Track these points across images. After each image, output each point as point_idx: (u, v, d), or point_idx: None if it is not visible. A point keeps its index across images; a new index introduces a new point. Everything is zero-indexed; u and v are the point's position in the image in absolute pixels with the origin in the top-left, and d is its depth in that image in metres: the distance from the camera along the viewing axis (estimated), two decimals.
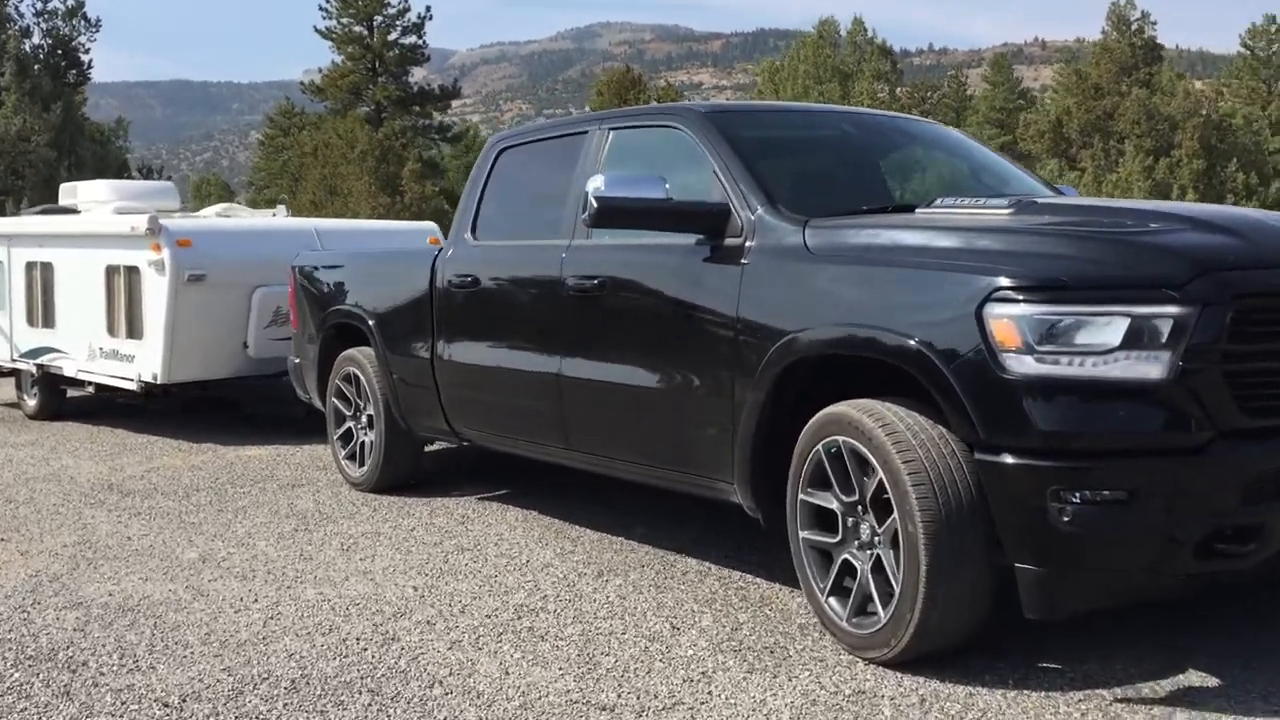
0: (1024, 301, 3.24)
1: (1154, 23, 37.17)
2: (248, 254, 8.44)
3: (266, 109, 79.62)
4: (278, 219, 10.07)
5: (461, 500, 6.22)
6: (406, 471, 6.50)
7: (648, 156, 4.85)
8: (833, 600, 3.78)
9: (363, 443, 6.53)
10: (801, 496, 3.84)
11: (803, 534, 3.86)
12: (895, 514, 3.45)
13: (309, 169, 44.80)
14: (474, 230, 5.66)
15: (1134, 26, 37.08)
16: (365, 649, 3.96)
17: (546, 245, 5.05)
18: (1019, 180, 5.12)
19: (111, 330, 8.63)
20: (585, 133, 5.11)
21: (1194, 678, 3.52)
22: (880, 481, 3.52)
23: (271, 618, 4.33)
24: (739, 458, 4.02)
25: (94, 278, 8.77)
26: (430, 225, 9.70)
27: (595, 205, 4.17)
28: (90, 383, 9.17)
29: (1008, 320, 3.24)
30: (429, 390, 5.86)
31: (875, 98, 32.68)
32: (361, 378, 6.42)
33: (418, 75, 56.49)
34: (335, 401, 6.74)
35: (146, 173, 49.59)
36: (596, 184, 4.19)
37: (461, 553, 5.15)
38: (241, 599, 4.56)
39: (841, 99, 32.98)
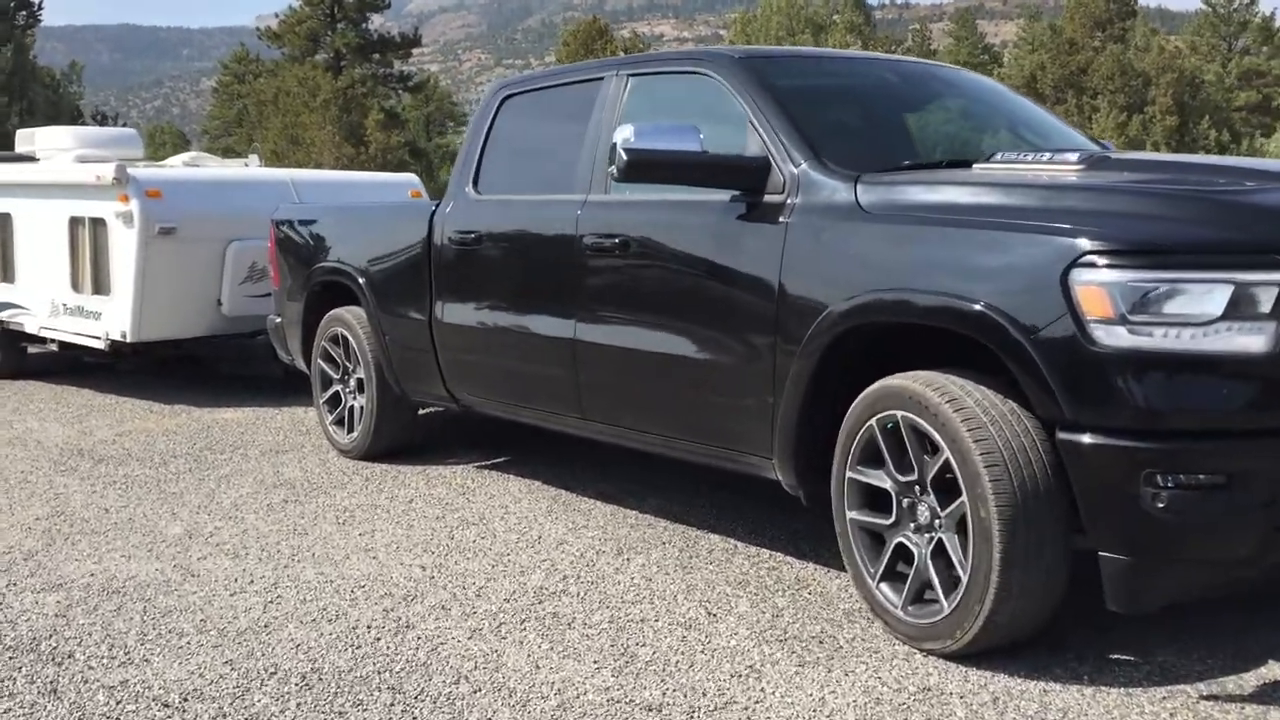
0: (1116, 267, 2.95)
1: None
2: (221, 206, 8.01)
3: (219, 55, 77.81)
4: (251, 169, 9.61)
5: (459, 469, 5.90)
6: (400, 438, 6.17)
7: (671, 106, 4.52)
8: (885, 586, 3.51)
9: (352, 408, 6.19)
10: (850, 475, 3.56)
11: (851, 515, 3.59)
12: (964, 496, 3.18)
13: (269, 117, 43.77)
14: (475, 183, 5.30)
15: None
16: (378, 639, 3.66)
17: (559, 200, 4.71)
18: (1063, 134, 4.83)
19: (76, 286, 8.18)
20: (601, 79, 4.76)
21: (1277, 671, 3.29)
22: (946, 461, 3.24)
23: (271, 602, 4.01)
24: (780, 432, 3.73)
25: (56, 230, 8.29)
26: (411, 178, 9.29)
27: (625, 158, 3.83)
28: (54, 340, 8.73)
29: (1098, 287, 2.96)
30: (426, 353, 5.52)
31: (849, 48, 32.23)
32: (350, 339, 6.07)
33: (376, 22, 55.27)
34: (321, 364, 6.38)
35: (102, 119, 48.30)
36: (626, 134, 3.86)
37: (467, 527, 4.84)
38: (236, 580, 4.24)
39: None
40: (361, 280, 5.89)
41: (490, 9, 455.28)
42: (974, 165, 3.77)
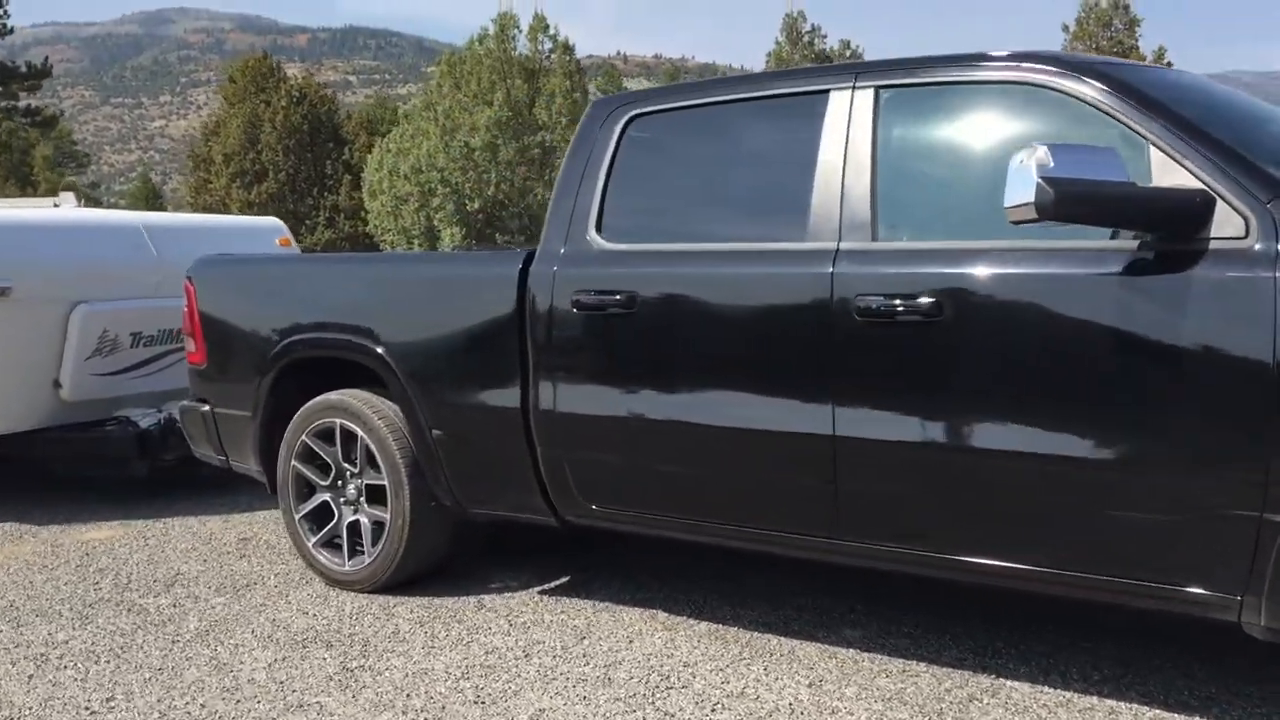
0: None
1: (824, 35, 39.08)
2: (64, 258, 6.08)
3: None
4: (87, 211, 7.52)
5: (525, 596, 4.52)
6: (429, 562, 4.70)
7: (960, 130, 3.53)
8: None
9: (355, 524, 4.66)
10: None
11: None
12: None
13: None
14: (600, 228, 4.05)
15: (806, 38, 38.71)
16: None
17: (787, 252, 3.58)
18: None
19: None
20: (819, 94, 3.68)
21: None
22: None
23: None
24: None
25: None
26: (276, 223, 7.54)
27: (1052, 192, 2.81)
28: None
29: None
30: (515, 454, 4.16)
31: (570, 95, 31.64)
32: (360, 434, 4.56)
33: None
34: (300, 467, 4.79)
35: None
36: (1041, 160, 2.84)
37: (667, 691, 3.56)
38: None
39: (530, 96, 31.80)
40: (390, 357, 4.42)
41: (94, 44, 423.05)
42: None
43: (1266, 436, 2.80)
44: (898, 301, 3.31)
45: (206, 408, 5.16)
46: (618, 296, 3.87)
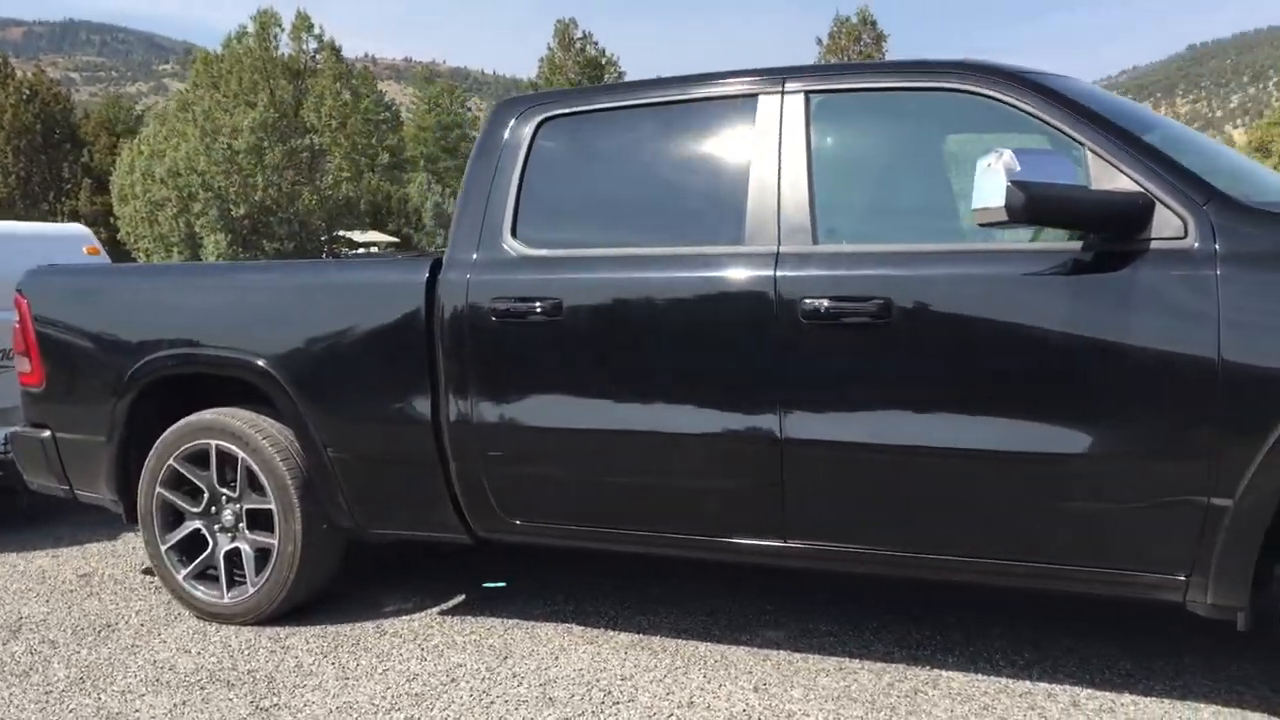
0: None
1: (595, 41, 39.22)
2: None
3: None
4: None
5: (427, 618, 4.32)
6: (319, 588, 4.42)
7: (897, 136, 3.59)
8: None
9: (235, 552, 4.33)
10: None
11: None
12: None
13: None
14: (516, 233, 3.90)
15: (578, 45, 38.74)
16: None
17: (726, 255, 3.55)
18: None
19: None
20: (746, 98, 3.67)
21: None
22: None
23: None
24: (1227, 546, 2.98)
25: None
26: (82, 230, 6.89)
27: (1023, 195, 2.90)
28: None
29: None
30: (426, 468, 3.97)
31: (339, 97, 30.44)
32: (241, 455, 4.24)
33: None
34: (165, 494, 4.41)
35: None
36: (1009, 164, 2.92)
37: (616, 706, 3.47)
38: None
39: (296, 97, 30.42)
40: (278, 372, 4.13)
41: None
42: None
43: (1211, 424, 2.97)
44: (845, 304, 3.34)
45: (46, 433, 4.68)
46: (542, 303, 3.74)
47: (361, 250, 42.07)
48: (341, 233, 36.61)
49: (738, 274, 3.51)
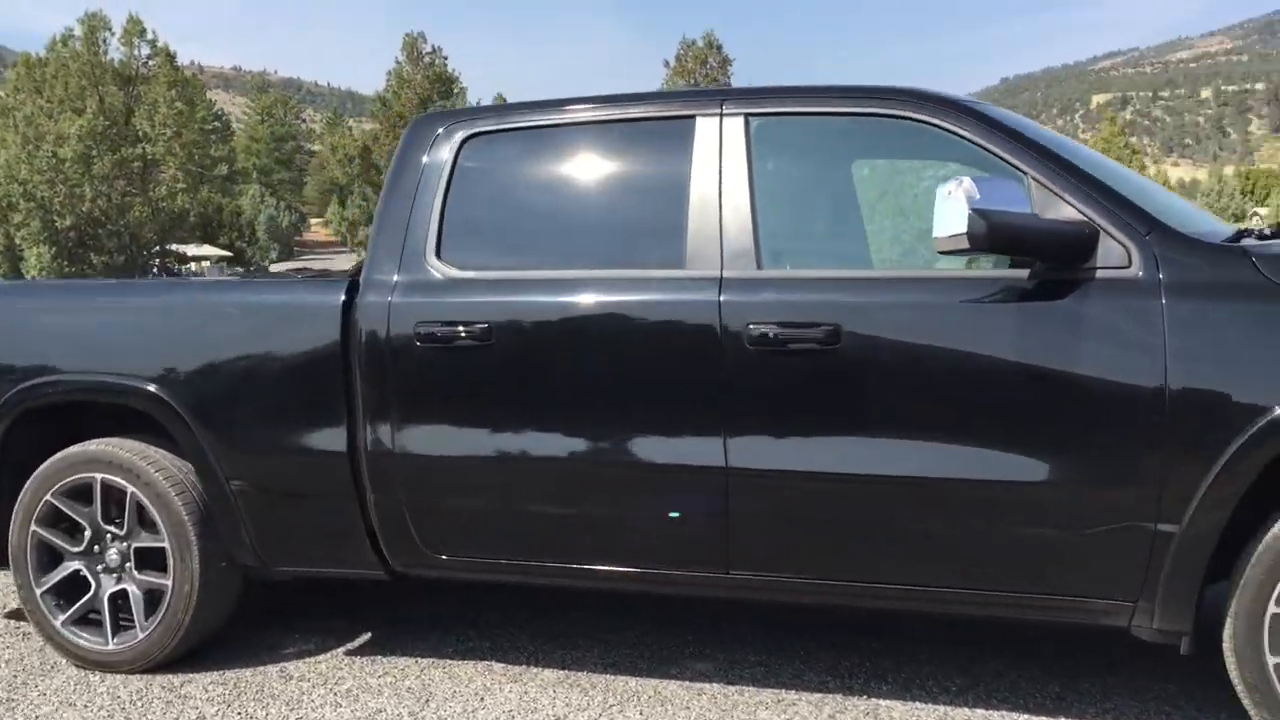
0: None
1: (445, 57, 38.47)
2: None
3: None
4: None
5: (333, 659, 4.07)
6: (214, 630, 4.12)
7: (841, 161, 3.55)
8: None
9: (121, 594, 4.01)
10: (1274, 610, 3.00)
11: None
12: None
13: None
14: (440, 254, 3.72)
15: (427, 59, 37.96)
16: None
17: (669, 280, 3.45)
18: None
19: None
20: (685, 119, 3.59)
21: None
22: None
23: None
24: (1173, 571, 3.02)
25: None
26: None
27: (984, 223, 2.89)
28: None
29: None
30: (341, 502, 3.74)
31: (172, 105, 29.00)
32: (130, 489, 3.93)
33: None
34: (40, 533, 4.05)
35: None
36: (969, 191, 2.91)
37: None
38: None
39: (127, 105, 28.80)
40: (173, 400, 3.83)
41: None
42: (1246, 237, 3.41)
43: (1158, 452, 3.01)
44: (793, 330, 3.28)
45: None
46: (469, 327, 3.57)
47: (193, 265, 40.53)
48: (174, 246, 35.07)
49: (679, 298, 3.42)
